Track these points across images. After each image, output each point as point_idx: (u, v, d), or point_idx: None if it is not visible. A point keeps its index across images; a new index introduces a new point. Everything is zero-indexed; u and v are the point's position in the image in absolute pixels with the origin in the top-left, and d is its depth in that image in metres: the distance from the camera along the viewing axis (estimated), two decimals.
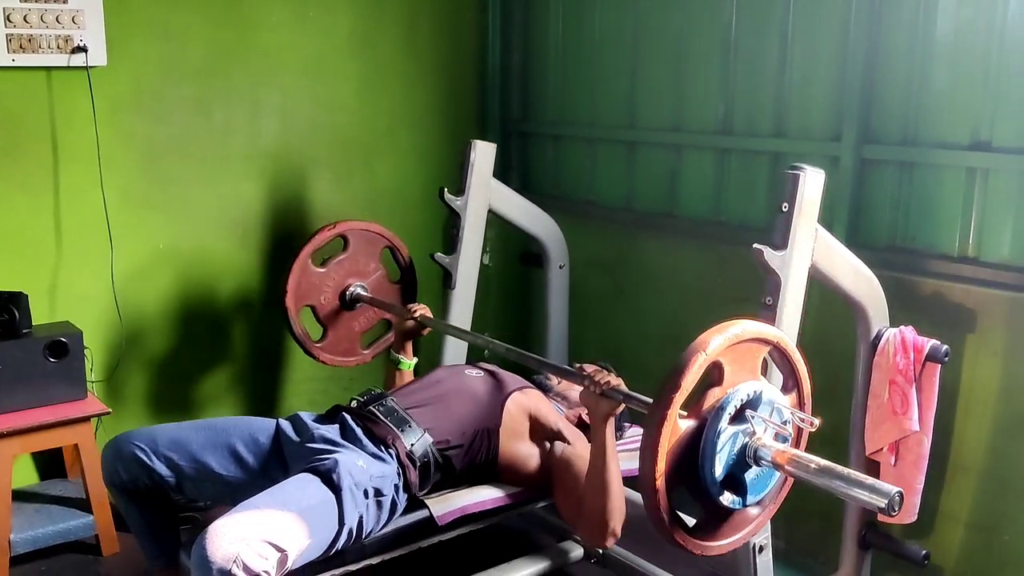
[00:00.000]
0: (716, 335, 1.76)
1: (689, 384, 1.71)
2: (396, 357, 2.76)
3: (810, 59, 2.89)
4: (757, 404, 1.79)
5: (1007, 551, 2.53)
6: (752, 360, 1.84)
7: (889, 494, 1.60)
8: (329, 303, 3.06)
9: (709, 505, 1.83)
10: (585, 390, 2.13)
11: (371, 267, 3.11)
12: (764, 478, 1.84)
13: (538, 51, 3.81)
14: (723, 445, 1.76)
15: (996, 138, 2.52)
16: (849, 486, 1.66)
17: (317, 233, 3.04)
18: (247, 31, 3.23)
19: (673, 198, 3.35)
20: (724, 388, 1.79)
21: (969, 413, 2.54)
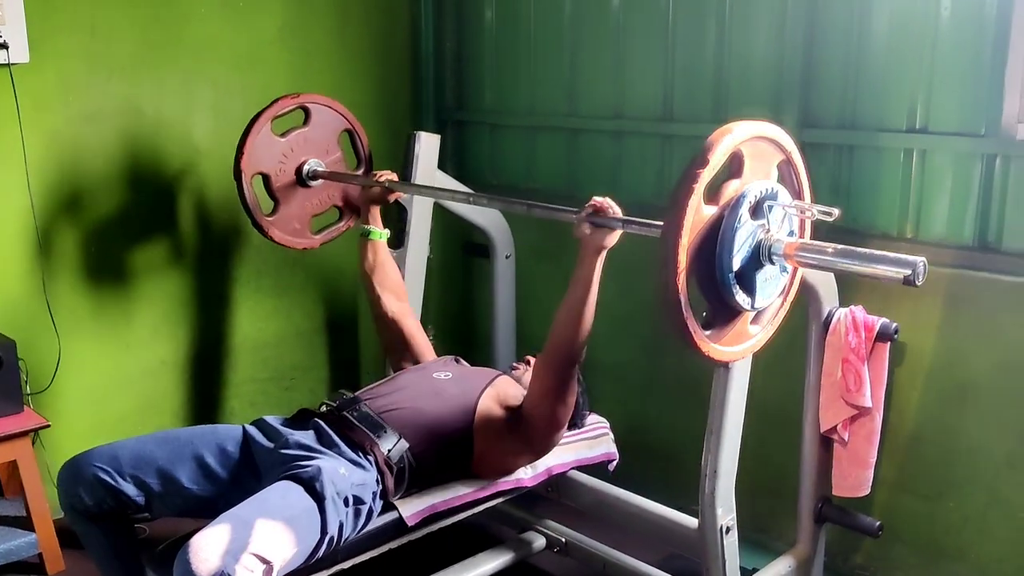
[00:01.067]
0: (742, 124, 1.77)
1: (717, 162, 1.70)
2: (366, 228, 2.67)
3: (749, 44, 2.94)
4: (774, 198, 1.81)
5: (951, 517, 2.64)
6: (768, 162, 1.87)
7: (912, 263, 1.65)
8: (285, 175, 2.88)
9: (718, 302, 1.83)
10: (578, 222, 2.10)
11: (330, 147, 2.96)
12: (772, 282, 1.87)
13: (472, 38, 3.77)
14: (742, 236, 1.76)
15: (932, 120, 2.60)
16: (870, 263, 1.73)
17: (279, 99, 2.88)
18: (176, 25, 3.12)
19: (616, 184, 3.37)
20: (743, 181, 1.80)
21: (912, 387, 2.63)
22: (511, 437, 2.33)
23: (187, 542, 1.78)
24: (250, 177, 2.85)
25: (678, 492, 2.73)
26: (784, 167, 1.95)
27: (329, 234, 3.05)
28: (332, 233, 3.06)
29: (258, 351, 3.53)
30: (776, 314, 2.02)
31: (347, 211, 3.05)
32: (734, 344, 1.93)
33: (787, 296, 2.03)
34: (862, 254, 1.76)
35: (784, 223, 1.86)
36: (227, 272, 3.40)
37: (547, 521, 2.79)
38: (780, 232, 1.83)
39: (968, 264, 2.56)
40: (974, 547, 2.60)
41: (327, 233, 3.05)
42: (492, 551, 2.67)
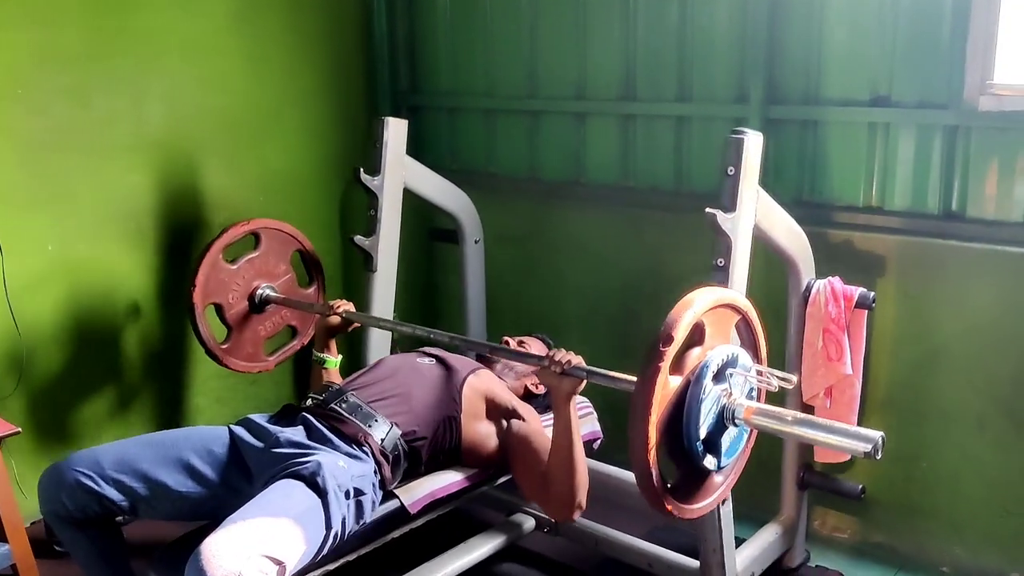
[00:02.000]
0: (702, 295, 1.80)
1: (680, 337, 1.72)
2: (321, 357, 2.60)
3: (712, 21, 2.98)
4: (735, 364, 1.85)
5: (926, 477, 2.74)
6: (727, 325, 1.90)
7: (873, 439, 1.66)
8: (237, 303, 2.89)
9: (687, 467, 1.85)
10: (545, 371, 2.12)
11: (281, 269, 2.97)
12: (737, 440, 1.89)
13: (426, 20, 3.73)
14: (707, 405, 1.79)
15: (895, 94, 2.68)
16: (831, 435, 1.74)
17: (230, 228, 2.87)
18: (126, 13, 3.00)
19: (580, 166, 3.39)
20: (705, 349, 1.84)
21: (885, 352, 2.72)
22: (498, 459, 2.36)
23: (198, 547, 1.73)
24: (203, 309, 2.82)
25: None
26: (741, 326, 1.96)
27: (283, 355, 3.06)
28: (286, 353, 3.06)
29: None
30: (737, 462, 2.01)
31: (301, 328, 3.06)
32: (702, 500, 1.93)
33: (749, 447, 2.03)
34: (822, 425, 1.77)
35: (744, 383, 1.87)
36: (187, 267, 3.28)
37: (534, 502, 2.79)
38: (741, 396, 1.84)
39: (934, 232, 2.65)
40: (947, 505, 2.71)
41: (280, 354, 3.06)
42: (482, 535, 2.67)
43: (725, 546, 2.31)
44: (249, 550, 1.74)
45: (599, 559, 2.74)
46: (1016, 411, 2.55)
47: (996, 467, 2.61)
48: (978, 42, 2.49)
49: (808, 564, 2.76)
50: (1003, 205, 2.55)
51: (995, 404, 2.57)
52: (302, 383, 3.75)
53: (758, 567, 2.56)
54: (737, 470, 1.97)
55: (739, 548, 2.49)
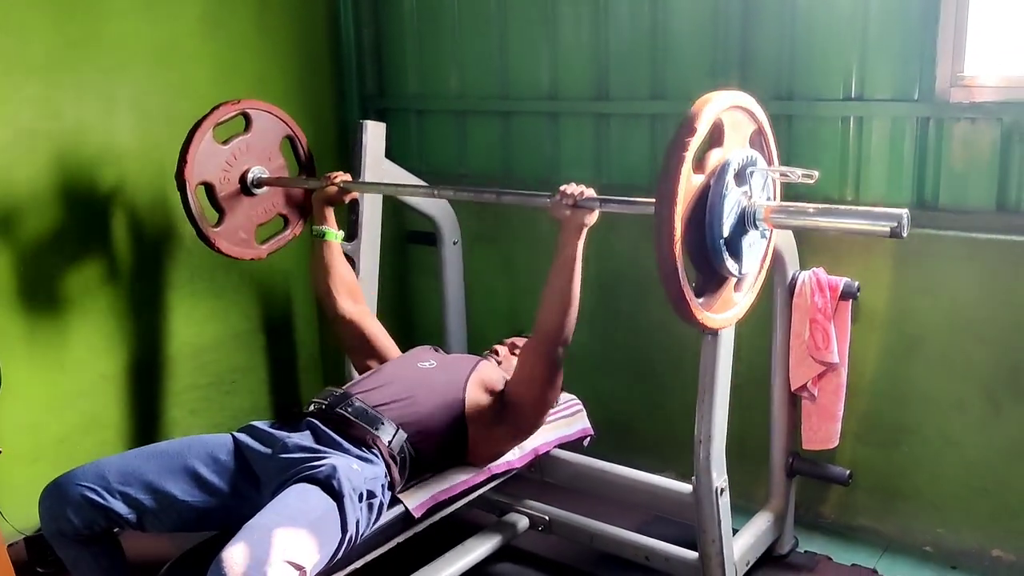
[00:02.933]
0: (721, 94, 1.82)
1: (703, 129, 1.74)
2: (321, 229, 2.60)
3: (684, 20, 3.01)
4: (755, 164, 1.87)
5: (906, 461, 2.81)
6: (743, 132, 1.93)
7: (896, 215, 1.70)
8: (229, 184, 2.78)
9: (708, 270, 1.87)
10: (555, 205, 2.12)
11: (272, 154, 2.88)
12: (756, 247, 1.92)
13: (392, 24, 3.72)
14: (730, 203, 1.80)
15: (868, 88, 2.74)
16: (854, 219, 1.79)
17: (220, 106, 2.76)
18: (94, 20, 2.94)
19: (554, 165, 3.40)
20: (725, 149, 1.85)
21: (866, 341, 2.78)
22: (501, 422, 2.34)
23: (219, 555, 1.72)
24: (194, 187, 2.73)
25: (637, 459, 2.79)
26: (756, 137, 2.01)
27: (275, 243, 2.98)
28: (279, 242, 2.99)
29: (197, 356, 3.40)
30: (756, 280, 2.08)
31: (292, 218, 2.99)
32: (723, 311, 1.97)
33: (765, 261, 2.10)
34: (845, 211, 1.83)
35: (763, 188, 1.92)
36: (160, 278, 3.26)
37: (527, 501, 2.81)
38: (760, 197, 1.89)
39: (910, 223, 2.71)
40: (928, 487, 2.79)
41: (273, 242, 2.97)
42: (476, 537, 2.66)
43: (724, 536, 2.35)
44: (271, 556, 1.74)
45: (595, 555, 2.75)
46: (993, 392, 2.63)
47: (975, 448, 2.69)
48: (949, 35, 2.57)
49: (797, 550, 2.81)
50: (976, 194, 2.63)
51: (973, 386, 2.65)
52: (279, 392, 3.71)
53: (753, 555, 2.60)
54: (755, 289, 2.01)
55: (734, 537, 2.52)
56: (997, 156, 2.57)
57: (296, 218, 2.98)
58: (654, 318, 3.19)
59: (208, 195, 2.79)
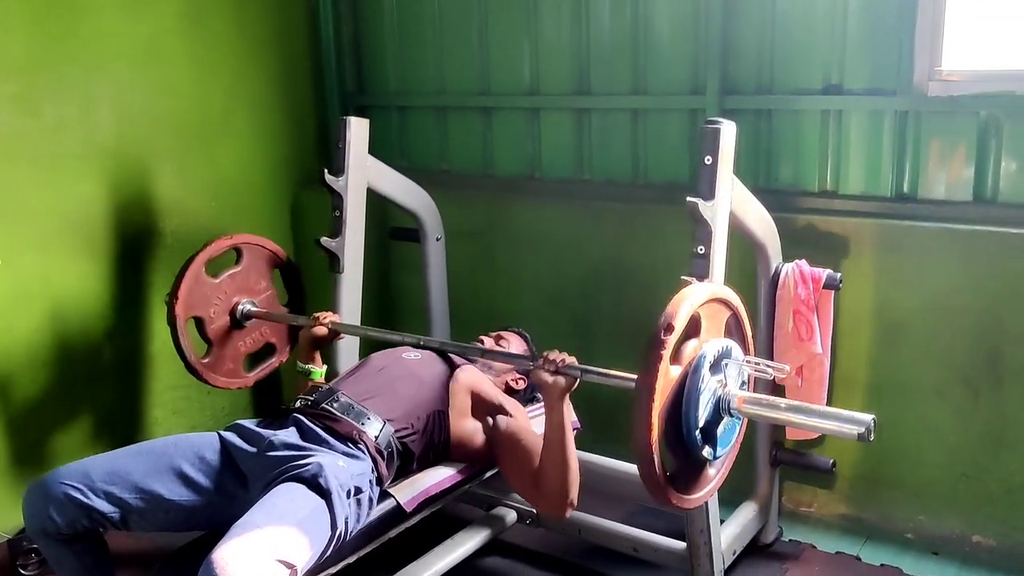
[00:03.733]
0: (698, 289, 1.86)
1: (680, 327, 1.77)
2: (306, 368, 2.57)
3: (665, 15, 3.04)
4: (729, 355, 1.90)
5: (887, 448, 2.85)
6: (719, 320, 1.95)
7: (865, 422, 1.73)
8: (219, 318, 2.83)
9: (685, 457, 1.89)
10: (537, 370, 2.13)
11: (262, 285, 2.92)
12: (730, 431, 1.93)
13: (372, 21, 3.71)
14: (706, 394, 1.84)
15: (847, 81, 2.78)
16: (823, 420, 1.80)
17: (213, 242, 2.81)
18: (73, 18, 2.92)
19: (535, 160, 3.42)
20: (701, 340, 1.89)
21: (848, 330, 2.81)
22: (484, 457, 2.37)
23: (209, 556, 1.71)
24: (184, 322, 2.75)
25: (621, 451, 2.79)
26: (731, 321, 2.03)
27: (262, 371, 3.00)
28: (266, 370, 3.01)
29: (178, 357, 3.37)
30: (730, 455, 2.08)
31: (280, 345, 3.01)
32: (698, 491, 1.98)
33: (738, 440, 2.09)
34: (814, 411, 1.84)
35: (738, 375, 1.94)
36: (140, 276, 3.24)
37: (514, 494, 2.81)
38: (735, 386, 1.91)
39: (889, 214, 2.77)
40: (910, 473, 2.83)
41: (260, 371, 3.00)
42: (465, 532, 2.67)
43: (712, 527, 2.37)
44: (261, 556, 1.73)
45: (583, 547, 2.77)
46: (972, 379, 2.68)
47: (955, 434, 2.73)
48: (926, 29, 2.61)
49: (782, 539, 2.85)
50: (953, 185, 2.68)
51: (952, 374, 2.70)
52: (260, 391, 3.69)
53: (739, 545, 2.64)
54: (729, 462, 2.02)
55: (721, 527, 2.55)
56: (974, 148, 2.62)
57: (283, 344, 3.01)
58: (636, 309, 3.21)
59: (198, 328, 2.81)
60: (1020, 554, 2.66)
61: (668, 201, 3.04)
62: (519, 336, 2.70)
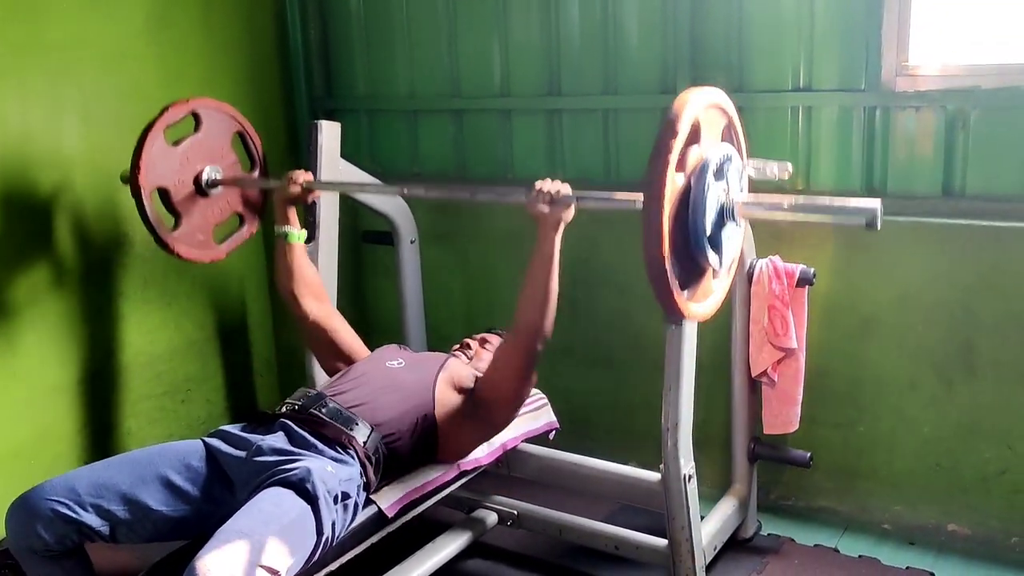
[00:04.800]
0: (697, 93, 1.86)
1: (684, 130, 1.76)
2: (284, 230, 2.56)
3: (635, 15, 3.05)
4: (730, 161, 1.91)
5: (862, 441, 2.88)
6: (716, 127, 1.97)
7: (870, 209, 1.75)
8: (184, 187, 2.74)
9: (690, 264, 1.90)
10: (531, 202, 2.12)
11: (224, 151, 2.84)
12: (734, 238, 1.96)
13: (339, 23, 3.69)
14: (711, 201, 1.83)
15: (816, 79, 2.81)
16: (829, 212, 1.87)
17: (170, 107, 2.71)
18: (38, 23, 2.87)
19: (508, 162, 3.42)
20: (703, 147, 1.88)
21: (820, 325, 2.83)
22: (472, 419, 2.35)
23: (192, 563, 1.69)
24: (149, 193, 2.69)
25: (599, 451, 2.81)
26: (727, 131, 2.06)
27: (233, 242, 2.94)
28: (236, 241, 2.94)
29: (151, 366, 3.34)
30: (731, 267, 2.12)
31: (248, 216, 2.95)
32: (703, 300, 2.01)
33: (739, 249, 2.14)
34: (820, 205, 1.88)
35: (740, 181, 1.97)
36: (112, 286, 3.19)
37: (495, 496, 2.81)
38: (736, 192, 1.93)
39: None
40: (885, 465, 2.86)
41: (231, 242, 2.93)
42: (446, 535, 2.65)
43: (692, 523, 2.38)
44: (244, 563, 1.71)
45: (564, 547, 2.77)
46: (944, 370, 2.71)
47: (928, 424, 2.77)
48: (893, 26, 2.64)
49: (761, 533, 2.86)
50: (921, 180, 2.71)
51: (925, 365, 2.74)
52: (235, 397, 3.66)
53: (719, 540, 2.65)
54: (731, 274, 2.05)
55: (701, 523, 2.56)
56: (942, 143, 2.66)
57: (252, 216, 2.95)
58: (612, 309, 3.23)
59: (163, 199, 2.74)
60: (994, 541, 2.70)
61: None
62: (500, 336, 2.70)
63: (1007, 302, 2.60)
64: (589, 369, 3.36)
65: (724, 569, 2.68)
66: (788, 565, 2.70)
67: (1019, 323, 2.59)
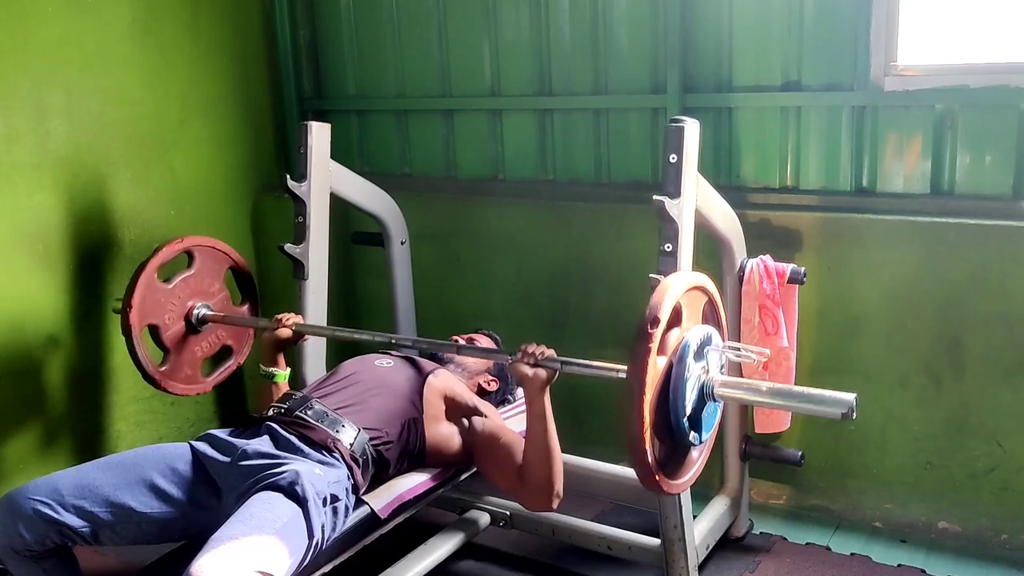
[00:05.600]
0: (678, 279, 1.87)
1: (665, 318, 1.77)
2: (270, 371, 2.54)
3: (624, 14, 3.05)
4: (710, 342, 1.92)
5: (854, 438, 2.89)
6: (698, 307, 1.97)
7: (847, 401, 1.76)
8: (173, 324, 2.79)
9: (672, 444, 1.91)
10: (516, 363, 2.14)
11: (216, 287, 2.88)
12: (711, 415, 1.96)
13: (329, 25, 3.68)
14: (691, 382, 1.84)
15: (805, 78, 2.82)
16: (805, 402, 1.83)
17: (164, 247, 2.76)
18: (22, 25, 2.85)
19: (498, 162, 3.42)
20: (683, 329, 1.89)
21: (809, 323, 2.85)
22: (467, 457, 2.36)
23: (188, 569, 1.68)
24: (139, 330, 2.71)
25: (591, 450, 2.81)
26: (708, 308, 2.05)
27: (221, 375, 2.97)
28: (224, 374, 2.97)
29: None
30: (711, 437, 2.09)
31: (237, 348, 2.99)
32: (684, 475, 2.00)
33: (719, 422, 2.11)
34: (795, 393, 1.87)
35: (719, 361, 1.96)
36: (99, 287, 3.17)
37: (487, 497, 2.80)
38: (716, 372, 1.92)
39: (849, 208, 2.81)
40: (876, 462, 2.87)
41: (218, 375, 2.97)
42: (439, 536, 2.64)
43: (685, 522, 2.39)
44: (241, 567, 1.70)
45: (557, 547, 2.77)
46: (934, 368, 2.72)
47: (918, 422, 2.78)
48: (881, 26, 2.65)
49: (752, 532, 2.87)
50: (910, 179, 2.72)
51: (915, 363, 2.75)
52: (224, 400, 3.65)
53: (712, 539, 2.65)
54: (710, 444, 2.04)
55: (694, 523, 2.56)
56: (930, 142, 2.67)
57: (240, 346, 2.99)
58: (604, 307, 3.23)
59: (152, 335, 2.77)
60: (985, 538, 2.72)
61: (632, 200, 3.07)
62: (489, 338, 2.70)
63: (995, 300, 2.61)
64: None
65: (716, 568, 2.69)
66: (780, 564, 2.71)
67: (1007, 321, 2.60)
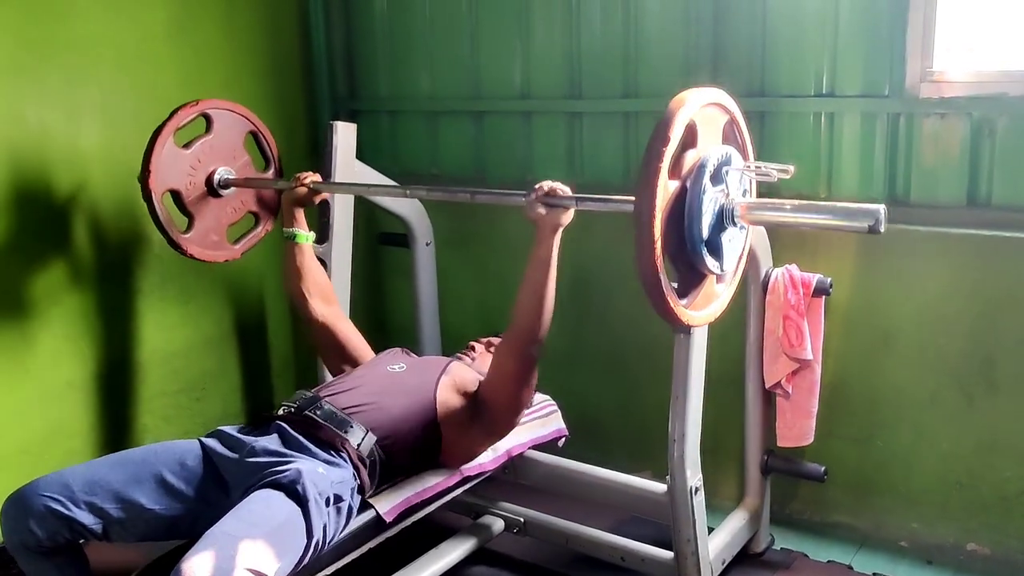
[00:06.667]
0: (694, 94, 1.80)
1: (676, 136, 1.72)
2: (291, 231, 2.57)
3: (656, 19, 3.00)
4: (729, 163, 1.86)
5: (880, 456, 2.81)
6: (716, 126, 1.92)
7: (874, 212, 1.69)
8: (195, 188, 2.74)
9: (688, 270, 1.86)
10: (530, 205, 2.08)
11: (236, 152, 2.84)
12: (735, 242, 1.91)
13: (363, 26, 3.69)
14: (707, 205, 1.79)
15: (839, 84, 2.74)
16: (830, 216, 1.79)
17: (179, 110, 2.73)
18: (57, 22, 2.88)
19: (527, 165, 3.39)
20: (699, 150, 1.84)
21: (838, 336, 2.78)
22: (475, 422, 2.32)
23: (178, 565, 1.68)
24: (160, 196, 2.70)
25: (612, 459, 2.79)
26: (729, 128, 2.00)
27: (248, 242, 2.94)
28: (251, 240, 2.95)
29: (167, 362, 3.35)
30: (736, 270, 2.07)
31: (263, 215, 2.95)
32: (705, 307, 1.97)
33: (744, 252, 2.09)
34: (823, 207, 1.82)
35: (740, 183, 1.92)
36: (129, 283, 3.21)
37: (501, 503, 2.78)
38: (736, 194, 1.88)
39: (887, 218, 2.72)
40: (903, 481, 2.79)
41: (246, 241, 2.94)
42: (451, 541, 2.63)
43: (699, 536, 2.34)
44: (231, 564, 1.70)
45: (570, 556, 2.74)
46: (966, 385, 2.63)
47: (948, 441, 2.69)
48: (918, 32, 2.57)
49: (773, 547, 2.81)
50: (946, 189, 2.63)
51: (946, 379, 2.66)
52: (251, 398, 3.67)
53: (728, 554, 2.59)
54: (737, 277, 2.00)
55: (710, 536, 2.51)
56: (967, 151, 2.58)
57: (267, 214, 2.95)
58: (625, 315, 3.18)
59: (175, 201, 2.76)
60: (1015, 562, 2.62)
61: None
62: None
63: None
64: (602, 375, 3.32)
65: None
66: None
67: None
